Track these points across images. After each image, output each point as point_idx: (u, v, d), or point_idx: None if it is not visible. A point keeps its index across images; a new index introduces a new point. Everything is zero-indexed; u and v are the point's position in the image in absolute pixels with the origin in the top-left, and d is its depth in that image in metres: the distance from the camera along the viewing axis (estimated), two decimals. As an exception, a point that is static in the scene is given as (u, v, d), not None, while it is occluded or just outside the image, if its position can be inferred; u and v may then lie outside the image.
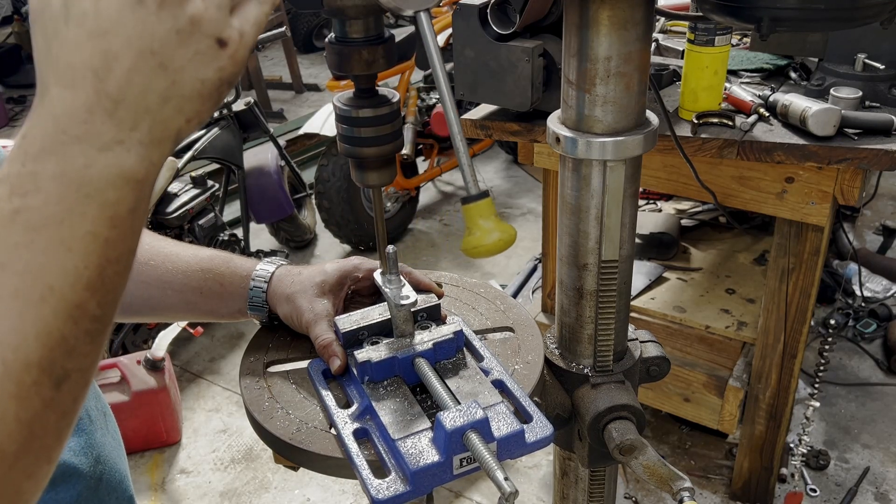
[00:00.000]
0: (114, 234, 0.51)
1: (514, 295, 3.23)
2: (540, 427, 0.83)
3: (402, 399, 0.86)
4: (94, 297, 0.51)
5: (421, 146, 4.50)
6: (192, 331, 3.07)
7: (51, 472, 0.51)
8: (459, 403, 0.82)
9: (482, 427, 0.76)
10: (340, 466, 0.82)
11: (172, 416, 2.95)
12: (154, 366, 2.84)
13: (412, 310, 0.92)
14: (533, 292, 3.20)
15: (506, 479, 0.72)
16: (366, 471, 0.78)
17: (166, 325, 2.96)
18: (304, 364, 0.96)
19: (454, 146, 0.73)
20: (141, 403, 2.80)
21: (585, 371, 1.03)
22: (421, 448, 0.78)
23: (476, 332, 1.00)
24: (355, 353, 0.90)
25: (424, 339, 0.92)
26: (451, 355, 0.93)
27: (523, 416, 0.86)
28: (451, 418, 0.76)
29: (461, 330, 0.94)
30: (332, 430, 0.85)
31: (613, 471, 1.13)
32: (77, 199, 0.49)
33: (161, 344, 2.84)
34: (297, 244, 4.32)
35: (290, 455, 0.86)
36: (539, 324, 1.31)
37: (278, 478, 2.82)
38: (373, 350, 0.90)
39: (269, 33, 3.41)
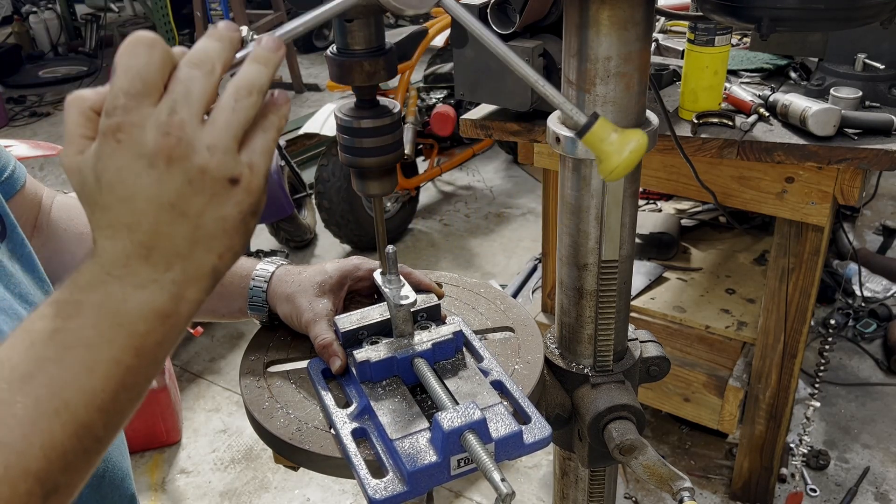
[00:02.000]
0: (136, 362, 0.56)
1: (514, 295, 3.23)
2: (538, 428, 0.83)
3: (400, 399, 0.86)
4: (102, 418, 0.55)
5: (421, 146, 4.50)
6: (192, 331, 3.07)
7: None
8: (458, 404, 0.82)
9: (479, 428, 0.76)
10: (340, 466, 0.81)
11: (172, 416, 2.95)
12: (154, 366, 2.84)
13: (412, 310, 0.92)
14: (533, 292, 3.20)
15: (502, 479, 0.71)
16: (363, 470, 0.78)
17: (166, 325, 2.96)
18: (304, 364, 0.96)
19: (541, 92, 0.70)
20: (141, 403, 2.80)
21: (585, 371, 1.03)
22: (419, 448, 0.78)
23: (476, 332, 1.00)
24: (354, 353, 0.89)
25: (423, 339, 0.91)
26: (451, 356, 0.92)
27: (522, 418, 0.86)
28: (448, 419, 0.76)
29: (460, 330, 0.94)
30: (332, 430, 0.85)
31: (613, 471, 1.12)
32: (109, 327, 0.55)
33: (161, 344, 2.84)
34: (297, 244, 4.32)
35: (289, 455, 0.86)
36: (539, 324, 1.30)
37: (278, 478, 2.82)
38: (372, 350, 0.90)
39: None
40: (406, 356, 0.89)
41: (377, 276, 0.93)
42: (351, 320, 0.94)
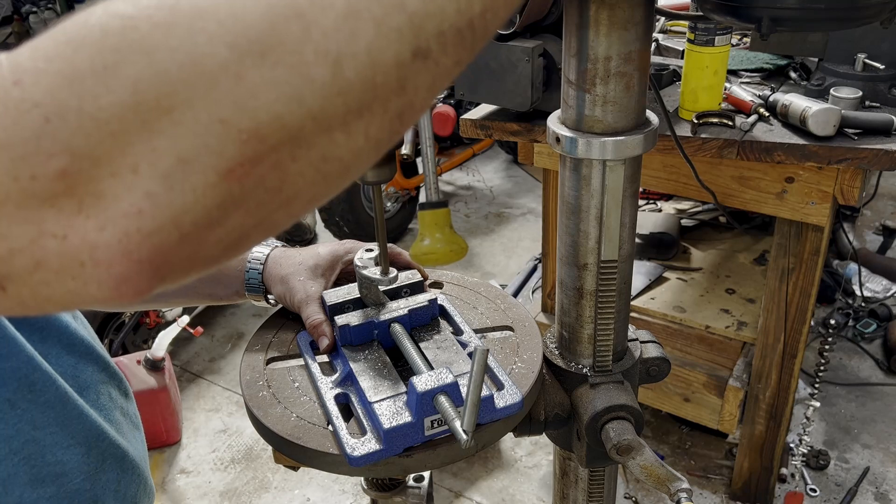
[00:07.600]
0: None
1: (515, 295, 3.23)
2: (510, 395, 0.88)
3: (381, 366, 0.91)
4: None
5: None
6: (192, 331, 3.07)
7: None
8: (433, 369, 0.87)
9: (452, 391, 0.81)
10: (338, 463, 0.83)
11: (172, 416, 2.95)
12: (154, 366, 2.84)
13: (396, 285, 0.99)
14: (533, 292, 3.20)
15: (464, 431, 0.75)
16: (343, 431, 0.82)
17: (166, 325, 2.96)
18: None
19: None
20: (141, 403, 2.76)
21: (585, 371, 1.03)
22: (395, 410, 0.83)
23: (476, 331, 1.01)
24: (335, 318, 0.95)
25: (400, 305, 0.98)
26: (426, 321, 0.98)
27: (496, 385, 0.90)
28: (422, 381, 0.81)
29: (435, 298, 1.00)
30: (316, 397, 0.90)
31: (613, 470, 1.12)
32: None
33: (161, 344, 2.84)
34: (296, 244, 4.33)
35: (289, 452, 0.87)
36: (539, 324, 1.31)
37: (278, 478, 2.82)
38: (352, 315, 0.96)
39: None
40: (384, 321, 0.95)
41: (357, 259, 0.98)
42: (338, 294, 1.00)
